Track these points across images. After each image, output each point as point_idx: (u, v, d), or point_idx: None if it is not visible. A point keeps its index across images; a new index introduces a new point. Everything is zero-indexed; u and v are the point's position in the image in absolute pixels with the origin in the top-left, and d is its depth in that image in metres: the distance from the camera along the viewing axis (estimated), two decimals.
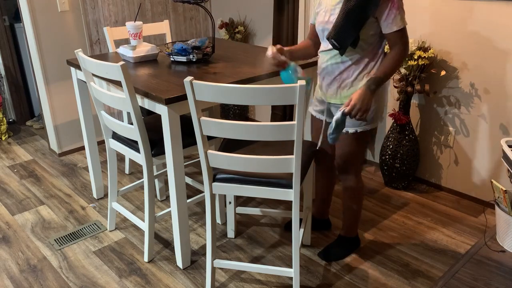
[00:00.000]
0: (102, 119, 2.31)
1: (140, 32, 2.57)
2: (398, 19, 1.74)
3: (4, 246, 2.48)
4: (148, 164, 2.18)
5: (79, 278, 2.23)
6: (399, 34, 1.78)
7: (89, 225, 2.65)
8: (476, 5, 2.49)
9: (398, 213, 2.72)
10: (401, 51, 1.79)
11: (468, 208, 2.76)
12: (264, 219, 2.68)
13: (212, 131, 1.75)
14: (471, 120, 2.69)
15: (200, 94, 1.70)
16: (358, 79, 1.93)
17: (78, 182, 3.16)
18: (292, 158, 1.75)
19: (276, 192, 1.88)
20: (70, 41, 3.37)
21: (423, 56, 2.63)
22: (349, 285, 2.15)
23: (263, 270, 2.02)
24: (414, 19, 2.77)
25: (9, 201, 2.93)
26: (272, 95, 1.62)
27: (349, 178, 2.16)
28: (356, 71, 1.92)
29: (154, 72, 2.32)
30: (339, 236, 2.35)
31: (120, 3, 3.58)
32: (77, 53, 2.19)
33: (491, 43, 2.49)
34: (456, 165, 2.85)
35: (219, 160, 1.83)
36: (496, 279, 1.69)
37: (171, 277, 2.23)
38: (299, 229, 1.91)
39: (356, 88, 1.93)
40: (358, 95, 1.81)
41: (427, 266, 2.27)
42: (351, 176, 2.15)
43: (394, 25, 1.76)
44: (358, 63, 1.91)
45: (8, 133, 3.95)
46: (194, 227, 2.61)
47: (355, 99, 1.80)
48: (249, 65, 2.40)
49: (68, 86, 3.44)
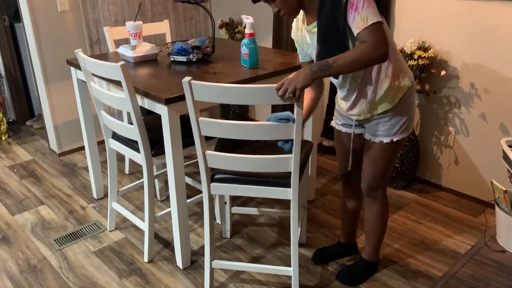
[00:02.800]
0: (102, 119, 2.30)
1: (140, 32, 2.57)
2: (358, 20, 1.58)
3: (4, 246, 2.48)
4: (148, 164, 2.18)
5: (79, 278, 2.23)
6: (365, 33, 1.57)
7: (89, 225, 2.65)
8: (476, 5, 2.49)
9: (398, 213, 2.72)
10: (366, 46, 1.56)
11: (468, 208, 2.76)
12: (264, 219, 2.68)
13: (210, 131, 1.75)
14: (471, 120, 2.69)
15: (198, 94, 1.70)
16: (380, 82, 1.76)
17: (78, 182, 3.16)
18: (290, 157, 1.75)
19: (275, 192, 1.88)
20: (70, 41, 3.37)
21: (423, 56, 2.62)
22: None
23: (262, 269, 2.03)
24: (414, 19, 2.77)
25: (9, 201, 2.93)
26: (271, 95, 1.62)
27: (378, 198, 1.98)
28: (372, 78, 1.76)
29: (154, 72, 2.32)
30: (362, 260, 2.18)
31: (120, 3, 3.58)
32: (77, 53, 2.18)
33: (491, 43, 2.49)
34: (456, 165, 2.84)
35: (217, 160, 1.83)
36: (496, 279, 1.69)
37: (171, 277, 2.23)
38: (298, 228, 1.91)
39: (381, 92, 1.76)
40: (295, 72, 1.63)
41: (427, 266, 2.27)
42: (380, 195, 1.98)
43: (355, 28, 1.59)
44: (370, 71, 1.75)
45: (8, 133, 3.95)
46: (194, 227, 2.61)
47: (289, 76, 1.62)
48: None
49: (68, 86, 3.44)
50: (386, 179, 1.96)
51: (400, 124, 1.82)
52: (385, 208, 2.03)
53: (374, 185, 1.96)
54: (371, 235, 2.09)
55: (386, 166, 1.91)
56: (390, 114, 1.80)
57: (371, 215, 2.05)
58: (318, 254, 2.31)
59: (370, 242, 2.12)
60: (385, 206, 2.02)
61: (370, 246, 2.13)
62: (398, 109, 1.79)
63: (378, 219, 2.04)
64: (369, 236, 2.10)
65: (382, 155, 1.88)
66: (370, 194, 1.99)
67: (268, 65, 2.42)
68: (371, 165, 1.92)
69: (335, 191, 2.98)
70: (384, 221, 2.06)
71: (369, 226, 2.08)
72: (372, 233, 2.08)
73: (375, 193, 1.98)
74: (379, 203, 2.00)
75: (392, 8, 2.86)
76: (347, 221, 2.26)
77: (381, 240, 2.12)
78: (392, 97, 1.77)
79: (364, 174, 1.96)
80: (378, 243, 2.12)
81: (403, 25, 2.83)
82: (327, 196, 2.92)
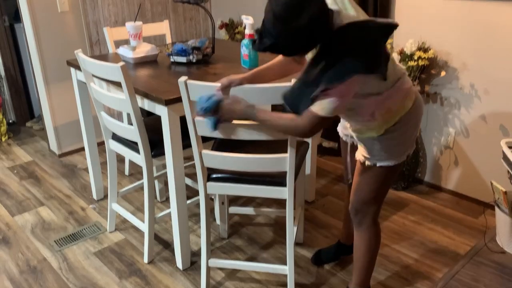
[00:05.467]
0: (102, 120, 2.30)
1: (140, 33, 2.57)
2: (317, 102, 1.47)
3: (4, 247, 2.48)
4: (148, 165, 2.18)
5: (79, 279, 2.23)
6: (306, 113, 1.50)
7: (89, 226, 2.65)
8: (476, 5, 2.49)
9: (398, 214, 2.72)
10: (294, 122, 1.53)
11: (468, 209, 2.76)
12: (264, 220, 2.67)
13: (207, 131, 1.75)
14: (471, 120, 2.69)
15: (195, 94, 1.70)
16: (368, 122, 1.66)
17: (78, 183, 3.16)
18: (286, 156, 1.75)
19: (271, 191, 1.88)
20: (70, 42, 3.37)
21: (423, 57, 2.62)
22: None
23: (258, 268, 2.05)
24: (414, 19, 2.77)
25: (9, 202, 2.93)
26: (267, 95, 1.62)
27: (364, 224, 1.82)
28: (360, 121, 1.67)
29: (154, 73, 2.32)
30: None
31: (120, 4, 3.58)
32: (77, 54, 2.18)
33: (491, 43, 2.49)
34: (456, 166, 2.84)
35: (214, 160, 1.83)
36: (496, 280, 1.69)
37: (171, 278, 2.23)
38: (293, 227, 1.92)
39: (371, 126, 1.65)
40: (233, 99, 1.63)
41: (427, 267, 2.27)
42: (366, 222, 1.81)
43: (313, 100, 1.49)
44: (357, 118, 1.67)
45: (8, 134, 3.95)
46: (194, 228, 2.61)
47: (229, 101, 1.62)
48: None
49: (68, 87, 3.44)
50: (371, 205, 1.78)
51: (384, 150, 1.67)
52: (372, 239, 1.83)
53: (358, 209, 1.81)
54: (357, 263, 1.91)
55: (371, 191, 1.76)
56: (376, 139, 1.66)
57: (357, 241, 1.87)
58: (317, 255, 2.31)
59: (357, 271, 1.92)
60: (371, 237, 1.83)
61: (357, 276, 1.93)
62: (386, 136, 1.65)
63: (363, 247, 1.85)
64: (356, 263, 1.92)
65: (366, 178, 1.75)
66: (355, 218, 1.84)
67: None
68: (356, 186, 1.80)
69: (335, 192, 2.98)
70: (370, 252, 1.85)
71: (356, 252, 1.89)
72: (358, 262, 1.90)
73: (361, 218, 1.82)
74: (365, 230, 1.83)
75: (392, 8, 2.86)
76: (349, 223, 2.21)
77: (368, 272, 1.91)
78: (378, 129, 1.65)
79: (351, 196, 1.83)
80: (364, 274, 1.91)
81: (403, 25, 2.83)
82: (327, 197, 2.92)
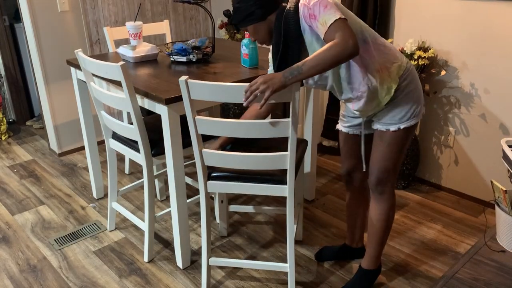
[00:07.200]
0: (102, 119, 2.31)
1: (140, 32, 2.57)
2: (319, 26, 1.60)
3: (4, 246, 2.48)
4: (148, 164, 2.18)
5: (79, 278, 2.23)
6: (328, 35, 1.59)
7: (89, 225, 2.65)
8: (476, 5, 2.49)
9: (398, 213, 2.72)
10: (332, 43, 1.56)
11: (468, 208, 2.76)
12: (264, 218, 2.68)
13: (207, 130, 1.76)
14: (471, 120, 2.69)
15: (195, 93, 1.70)
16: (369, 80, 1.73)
17: (78, 182, 3.16)
18: (286, 154, 1.75)
19: (271, 189, 1.89)
20: (70, 41, 3.37)
21: (423, 56, 2.63)
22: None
23: (258, 266, 2.05)
24: (414, 19, 2.77)
25: (9, 201, 2.93)
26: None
27: (386, 193, 1.91)
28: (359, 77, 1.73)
29: (154, 72, 2.32)
30: (362, 270, 2.08)
31: (120, 3, 3.58)
32: (77, 53, 2.19)
33: (491, 43, 2.49)
34: (456, 165, 2.85)
35: (214, 158, 1.84)
36: (496, 279, 1.69)
37: (171, 277, 2.23)
38: (294, 225, 1.92)
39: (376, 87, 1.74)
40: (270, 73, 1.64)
41: (427, 266, 2.27)
42: (388, 190, 1.91)
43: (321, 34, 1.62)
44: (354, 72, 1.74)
45: (8, 133, 3.95)
46: (194, 227, 2.61)
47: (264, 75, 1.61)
48: None
49: (68, 86, 3.44)
50: (394, 173, 1.90)
51: (405, 111, 1.78)
52: (392, 207, 1.95)
53: (382, 178, 1.89)
54: (373, 237, 1.99)
55: (395, 158, 1.85)
56: (392, 104, 1.77)
57: (376, 211, 1.95)
58: (322, 252, 2.31)
59: (372, 244, 2.01)
60: (392, 204, 1.95)
61: (372, 250, 2.02)
62: (399, 98, 1.76)
63: (383, 216, 1.94)
64: (372, 237, 2.00)
65: (390, 145, 1.83)
66: (378, 189, 1.92)
67: (268, 65, 2.42)
68: (379, 157, 1.87)
69: (335, 191, 2.98)
70: (389, 221, 1.96)
71: (373, 226, 1.98)
72: (375, 235, 1.98)
73: (383, 187, 1.91)
74: (387, 199, 1.93)
75: (392, 8, 2.86)
76: (353, 223, 2.22)
77: (383, 243, 2.01)
78: (387, 89, 1.74)
79: (372, 167, 1.90)
80: (380, 245, 2.01)
81: (403, 25, 2.83)
82: (327, 196, 2.92)
